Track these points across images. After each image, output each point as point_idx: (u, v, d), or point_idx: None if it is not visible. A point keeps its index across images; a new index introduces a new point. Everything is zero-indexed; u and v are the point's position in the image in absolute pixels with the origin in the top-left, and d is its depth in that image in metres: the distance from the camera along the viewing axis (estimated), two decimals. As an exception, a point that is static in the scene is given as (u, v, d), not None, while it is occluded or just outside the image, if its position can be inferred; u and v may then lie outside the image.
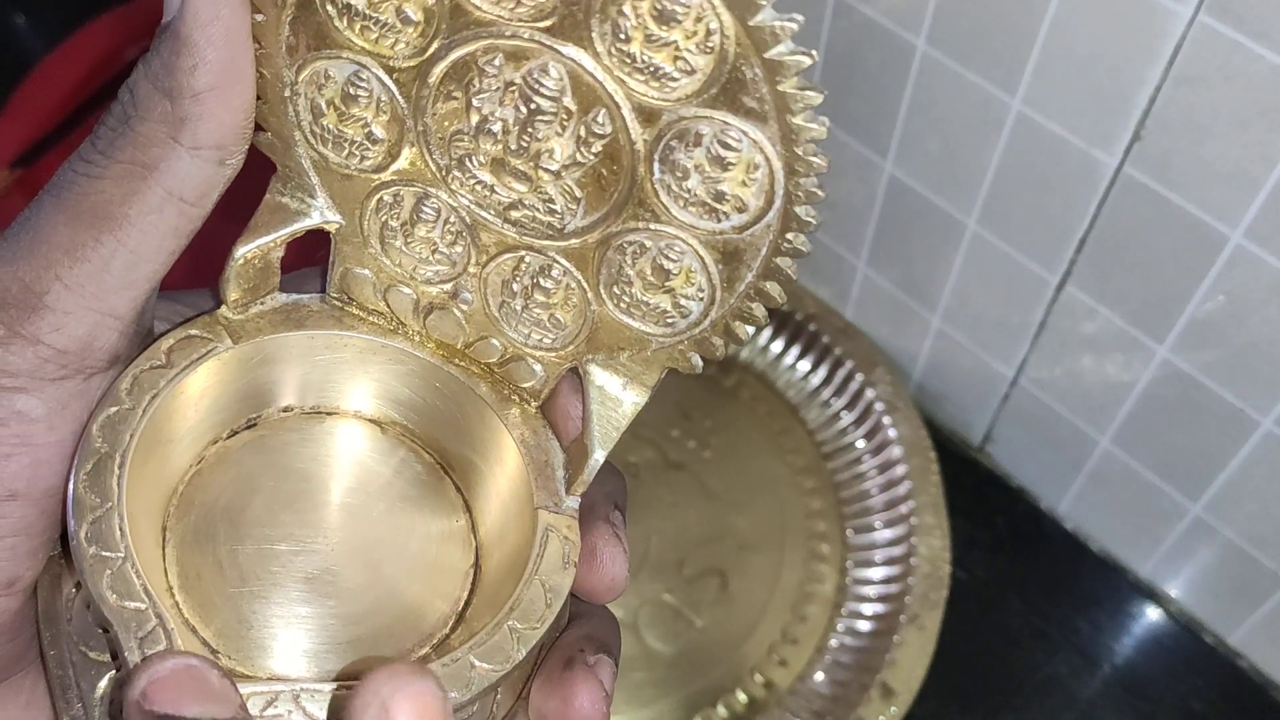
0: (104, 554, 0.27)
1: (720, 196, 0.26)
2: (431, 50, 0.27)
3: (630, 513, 0.63)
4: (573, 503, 0.31)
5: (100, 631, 0.28)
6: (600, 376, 0.30)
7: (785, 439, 0.68)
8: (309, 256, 0.33)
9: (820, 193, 0.25)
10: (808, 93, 0.24)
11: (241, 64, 0.28)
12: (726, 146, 0.25)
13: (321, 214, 0.31)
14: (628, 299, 0.29)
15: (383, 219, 0.31)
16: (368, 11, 0.27)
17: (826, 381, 0.69)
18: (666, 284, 0.28)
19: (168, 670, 0.25)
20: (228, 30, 0.27)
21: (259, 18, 0.28)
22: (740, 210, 0.26)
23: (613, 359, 0.30)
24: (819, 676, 0.59)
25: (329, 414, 0.33)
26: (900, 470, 0.65)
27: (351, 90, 0.28)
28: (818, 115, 0.24)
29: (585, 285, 0.29)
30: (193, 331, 0.31)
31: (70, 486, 0.28)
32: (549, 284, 0.30)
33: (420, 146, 0.29)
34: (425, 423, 0.33)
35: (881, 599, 0.62)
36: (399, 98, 0.28)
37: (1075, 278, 0.56)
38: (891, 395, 0.67)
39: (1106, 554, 0.65)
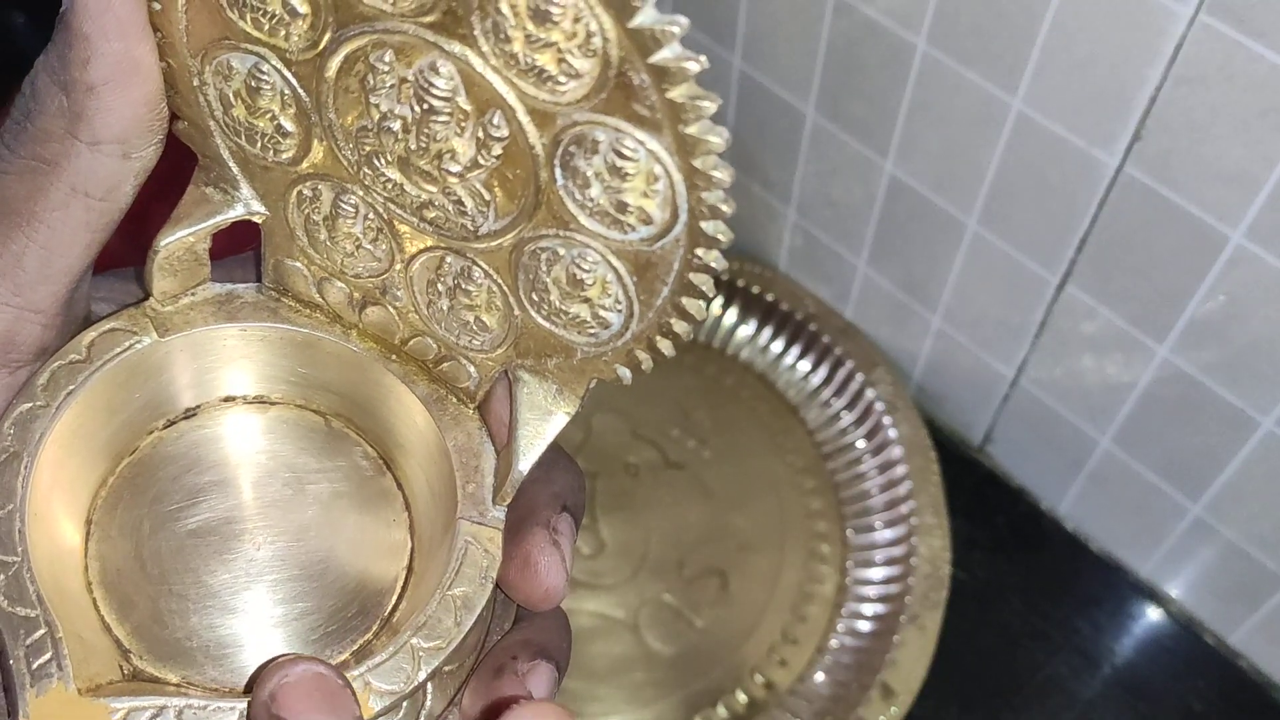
0: (1, 557, 0.26)
1: (623, 207, 0.24)
2: (323, 44, 0.26)
3: (630, 512, 0.64)
4: (498, 513, 0.29)
5: None
6: (530, 383, 0.29)
7: (785, 439, 0.68)
8: (242, 243, 0.32)
9: (726, 208, 0.23)
10: (701, 102, 0.22)
11: (138, 55, 0.27)
12: (622, 156, 0.23)
13: (246, 205, 0.30)
14: (547, 306, 0.27)
15: (305, 212, 0.30)
16: (257, 3, 0.26)
17: (827, 381, 0.69)
18: (582, 294, 0.26)
19: (297, 675, 0.25)
20: (120, 21, 0.26)
21: (156, 6, 0.27)
22: (646, 223, 0.24)
23: (541, 365, 0.29)
24: (819, 677, 0.59)
25: (273, 404, 0.32)
26: (900, 470, 0.65)
27: (254, 83, 0.27)
28: (715, 125, 0.22)
29: (506, 290, 0.28)
30: (116, 325, 0.30)
31: None
32: (471, 287, 0.28)
33: (329, 141, 0.27)
34: (365, 416, 0.32)
35: (882, 599, 0.62)
36: (300, 91, 0.27)
37: (1075, 278, 0.56)
38: (892, 395, 0.67)
39: (1107, 554, 0.65)
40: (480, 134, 0.25)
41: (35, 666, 0.25)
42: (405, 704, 0.28)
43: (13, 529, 0.27)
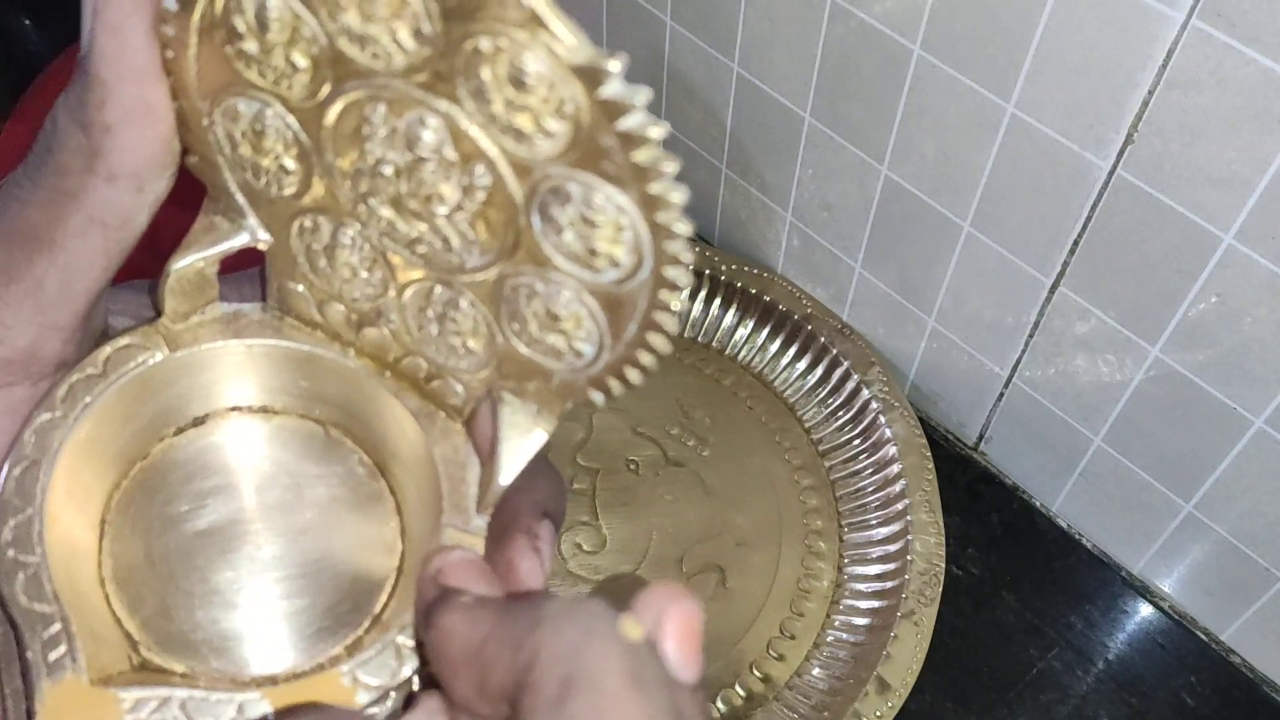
0: (20, 558, 0.28)
1: (593, 252, 0.26)
2: (322, 95, 0.28)
3: (630, 509, 0.65)
4: (481, 522, 0.31)
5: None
6: (512, 403, 0.31)
7: (783, 437, 0.68)
8: (249, 260, 0.34)
9: (685, 258, 0.25)
10: (663, 164, 0.24)
11: (151, 98, 0.29)
12: (591, 207, 0.25)
13: (252, 233, 0.32)
14: (527, 335, 0.29)
15: (306, 242, 0.31)
16: (262, 56, 0.28)
17: (823, 381, 0.70)
18: (558, 326, 0.28)
19: (456, 558, 0.29)
20: (134, 67, 0.28)
21: (169, 54, 0.28)
22: (614, 266, 0.26)
23: (522, 387, 0.30)
24: (816, 671, 0.60)
25: (276, 413, 0.34)
26: (896, 469, 0.65)
27: (259, 126, 0.29)
28: (676, 184, 0.24)
29: (489, 319, 0.30)
30: (130, 340, 0.32)
31: None
32: (457, 315, 0.30)
33: (328, 180, 0.29)
34: (360, 427, 0.34)
35: (877, 595, 0.62)
36: (302, 135, 0.29)
37: (1069, 279, 0.57)
38: (887, 394, 0.67)
39: (1100, 551, 0.66)
40: (465, 181, 0.27)
41: (51, 659, 0.27)
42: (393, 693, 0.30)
43: (31, 532, 0.28)
